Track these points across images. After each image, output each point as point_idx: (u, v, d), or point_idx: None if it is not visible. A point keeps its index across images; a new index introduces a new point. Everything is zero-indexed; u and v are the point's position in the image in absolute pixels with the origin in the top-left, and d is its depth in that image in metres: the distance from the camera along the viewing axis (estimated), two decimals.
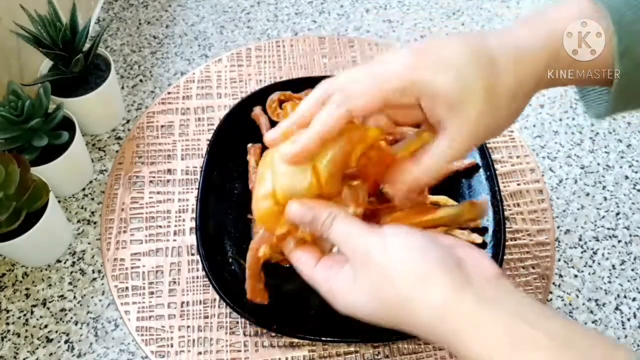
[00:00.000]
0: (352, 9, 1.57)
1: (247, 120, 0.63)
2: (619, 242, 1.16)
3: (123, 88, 1.37)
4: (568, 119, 1.35)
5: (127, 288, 0.56)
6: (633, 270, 1.13)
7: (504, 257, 0.53)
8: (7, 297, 1.06)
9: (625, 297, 1.10)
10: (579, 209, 1.21)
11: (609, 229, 1.18)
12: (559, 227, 1.18)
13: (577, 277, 1.12)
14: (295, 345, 0.53)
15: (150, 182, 0.63)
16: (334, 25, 1.53)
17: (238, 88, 0.70)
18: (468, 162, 0.59)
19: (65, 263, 1.10)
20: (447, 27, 1.53)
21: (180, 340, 0.53)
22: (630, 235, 1.17)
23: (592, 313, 1.07)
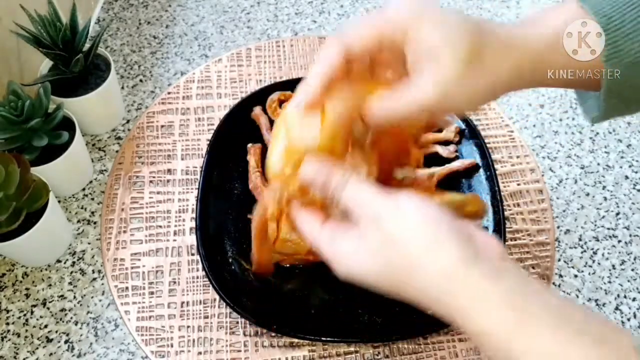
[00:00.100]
0: (352, 9, 1.57)
1: (247, 120, 0.63)
2: (619, 242, 1.16)
3: (123, 88, 1.37)
4: (568, 119, 1.35)
5: (127, 288, 0.56)
6: (633, 270, 1.13)
7: None
8: (7, 297, 1.06)
9: (625, 297, 1.10)
10: (579, 209, 1.21)
11: (609, 229, 1.18)
12: (559, 227, 1.18)
13: (577, 277, 1.12)
14: (295, 345, 0.53)
15: (150, 182, 0.63)
16: (334, 25, 1.53)
17: (238, 88, 0.70)
18: (468, 162, 0.59)
19: (65, 263, 1.10)
20: None
21: (180, 340, 0.53)
22: (630, 235, 1.17)
23: None
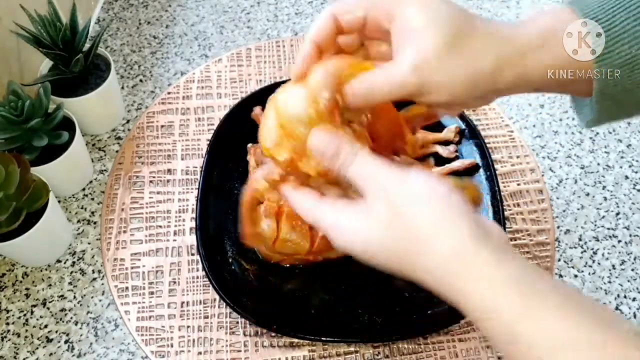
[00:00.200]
0: None
1: (247, 120, 0.63)
2: (619, 242, 1.16)
3: (123, 88, 1.37)
4: (568, 119, 1.35)
5: (127, 288, 0.56)
6: (633, 270, 1.13)
7: None
8: (7, 297, 1.06)
9: (625, 297, 1.10)
10: (579, 209, 1.21)
11: (609, 229, 1.18)
12: (559, 227, 1.18)
13: (577, 277, 1.12)
14: (295, 345, 0.53)
15: (150, 182, 0.63)
16: None
17: (238, 88, 0.70)
18: (468, 162, 0.59)
19: (65, 263, 1.10)
20: None
21: (180, 340, 0.53)
22: (630, 235, 1.17)
23: None
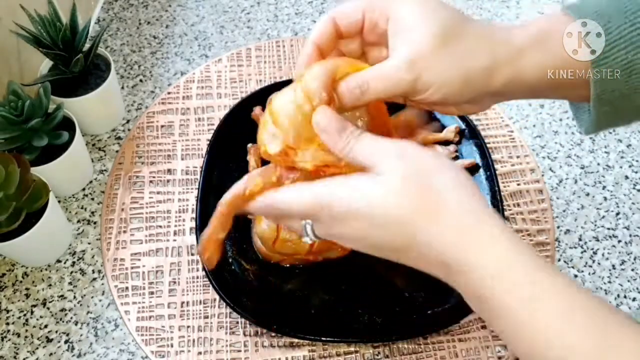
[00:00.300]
0: None
1: (247, 120, 0.63)
2: (619, 242, 1.16)
3: (123, 88, 1.37)
4: (568, 119, 1.35)
5: (127, 288, 0.56)
6: (633, 270, 1.13)
7: None
8: (7, 297, 1.06)
9: (625, 297, 1.10)
10: (579, 209, 1.21)
11: (609, 229, 1.18)
12: (559, 227, 1.18)
13: (577, 277, 1.12)
14: (295, 345, 0.53)
15: (150, 182, 0.63)
16: None
17: (238, 88, 0.70)
18: (468, 162, 0.59)
19: (65, 263, 1.10)
20: None
21: (180, 340, 0.53)
22: (630, 235, 1.17)
23: None
